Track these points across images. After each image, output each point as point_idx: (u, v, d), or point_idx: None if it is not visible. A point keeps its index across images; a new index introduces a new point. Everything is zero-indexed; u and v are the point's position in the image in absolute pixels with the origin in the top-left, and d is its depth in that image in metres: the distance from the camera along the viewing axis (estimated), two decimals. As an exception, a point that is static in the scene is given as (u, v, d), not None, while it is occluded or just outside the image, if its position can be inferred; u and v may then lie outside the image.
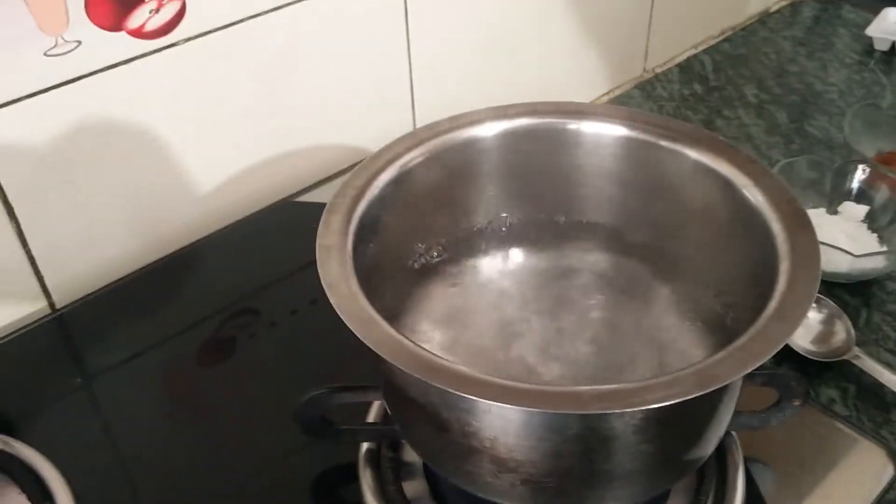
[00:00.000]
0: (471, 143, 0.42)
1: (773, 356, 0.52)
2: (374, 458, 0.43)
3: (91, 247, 0.59)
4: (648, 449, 0.33)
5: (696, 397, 0.28)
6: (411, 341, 0.31)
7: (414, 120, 0.73)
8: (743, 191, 0.37)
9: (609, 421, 0.30)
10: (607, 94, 0.87)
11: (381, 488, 0.41)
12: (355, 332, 0.31)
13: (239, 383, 0.53)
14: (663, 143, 0.41)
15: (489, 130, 0.42)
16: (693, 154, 0.40)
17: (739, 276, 0.37)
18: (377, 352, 0.30)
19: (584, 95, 0.86)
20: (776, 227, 0.35)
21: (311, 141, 0.68)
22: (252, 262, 0.63)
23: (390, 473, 0.42)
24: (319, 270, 0.34)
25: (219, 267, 0.63)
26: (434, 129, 0.42)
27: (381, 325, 0.31)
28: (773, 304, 0.31)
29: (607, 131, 0.42)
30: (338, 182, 0.41)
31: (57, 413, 0.51)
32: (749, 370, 0.29)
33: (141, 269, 0.61)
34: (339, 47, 0.64)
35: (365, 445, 0.44)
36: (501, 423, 0.31)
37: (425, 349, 0.30)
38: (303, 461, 0.46)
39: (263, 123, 0.64)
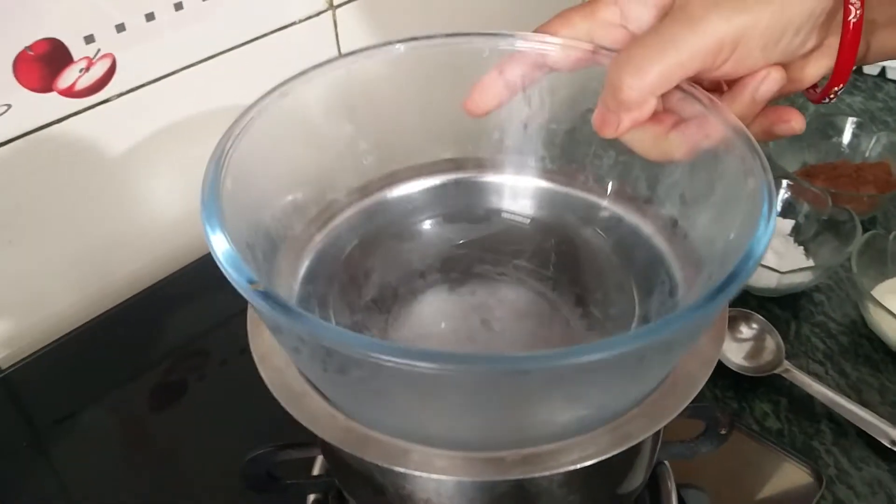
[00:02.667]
0: (400, 197, 0.44)
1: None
2: (322, 509, 0.44)
3: (35, 305, 0.60)
4: (576, 498, 0.34)
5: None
6: (342, 413, 0.32)
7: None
8: (650, 240, 0.39)
9: (533, 479, 0.32)
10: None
11: (329, 539, 0.42)
12: (285, 406, 0.32)
13: (191, 426, 0.54)
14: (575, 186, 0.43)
15: (415, 184, 0.44)
16: (603, 202, 0.42)
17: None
18: (308, 427, 0.31)
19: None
20: (679, 277, 0.37)
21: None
22: (200, 306, 0.64)
23: (338, 523, 0.43)
24: (250, 343, 0.35)
25: (167, 313, 0.64)
26: (365, 190, 0.44)
27: (313, 398, 0.32)
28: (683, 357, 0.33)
29: (524, 183, 0.45)
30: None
31: (7, 476, 0.51)
32: (661, 426, 0.31)
33: (89, 321, 0.61)
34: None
35: (312, 496, 0.45)
36: (433, 486, 0.33)
37: (356, 421, 0.31)
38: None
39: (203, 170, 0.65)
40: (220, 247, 0.29)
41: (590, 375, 0.26)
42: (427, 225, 0.46)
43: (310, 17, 0.66)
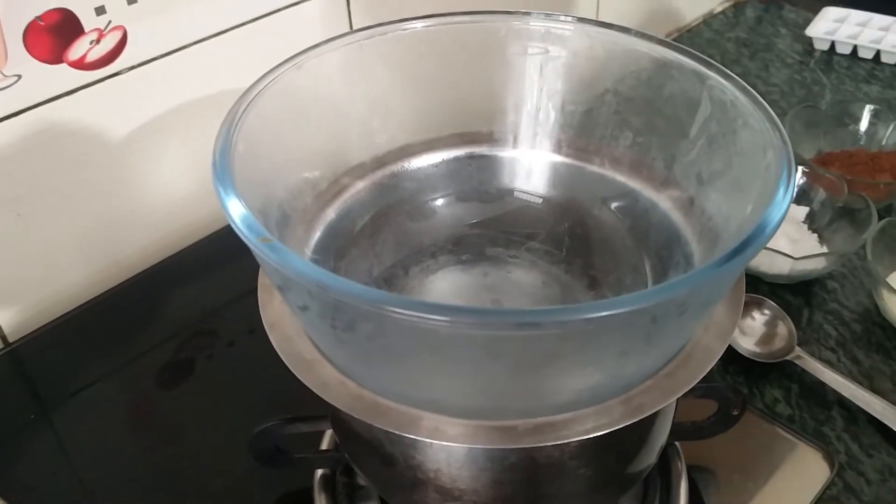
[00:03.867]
0: (412, 174, 0.43)
1: (720, 359, 0.56)
2: (328, 484, 0.44)
3: (44, 278, 0.59)
4: (587, 472, 0.34)
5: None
6: (353, 380, 0.32)
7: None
8: (666, 220, 0.39)
9: (544, 450, 0.31)
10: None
11: (336, 514, 0.42)
12: (295, 373, 0.32)
13: (197, 406, 0.53)
14: (590, 167, 0.43)
15: (428, 161, 0.44)
16: (619, 183, 0.42)
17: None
18: (319, 394, 0.31)
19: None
20: (695, 258, 0.36)
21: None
22: (209, 284, 0.63)
23: (345, 498, 0.43)
24: (261, 311, 0.35)
25: (176, 290, 0.63)
26: (377, 165, 0.43)
27: (324, 366, 0.32)
28: (699, 328, 0.32)
29: (539, 163, 0.44)
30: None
31: (13, 449, 0.51)
32: (675, 398, 0.30)
33: (97, 296, 0.61)
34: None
35: (320, 471, 0.44)
36: (443, 456, 0.32)
37: (367, 389, 0.31)
38: (261, 485, 0.47)
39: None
40: (229, 200, 0.29)
41: (602, 336, 0.26)
42: (440, 203, 0.46)
43: (322, -7, 0.65)
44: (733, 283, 0.33)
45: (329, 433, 0.46)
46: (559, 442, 0.29)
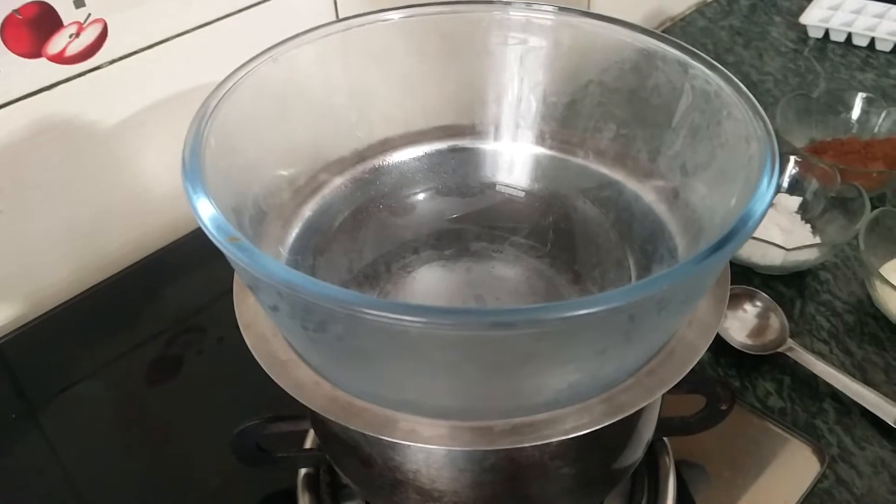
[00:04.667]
0: (393, 168, 0.43)
1: (710, 350, 0.55)
2: (312, 483, 0.44)
3: (28, 276, 0.59)
4: (570, 471, 0.33)
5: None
6: (329, 381, 0.31)
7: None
8: (650, 214, 0.38)
9: (525, 450, 0.31)
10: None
11: (319, 513, 0.42)
12: (270, 374, 0.31)
13: (186, 402, 0.53)
14: (574, 160, 0.42)
15: (409, 155, 0.43)
16: (603, 176, 0.41)
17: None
18: (293, 395, 0.30)
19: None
20: (679, 252, 0.35)
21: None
22: (197, 279, 0.63)
23: (329, 497, 0.43)
24: (236, 310, 0.34)
25: (163, 286, 0.63)
26: (356, 160, 0.42)
27: (299, 367, 0.31)
28: (682, 324, 0.32)
29: (521, 156, 0.44)
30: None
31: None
32: (657, 396, 0.30)
33: (82, 292, 0.61)
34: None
35: (303, 470, 0.44)
36: (422, 457, 0.32)
37: (342, 391, 0.30)
38: (248, 483, 0.46)
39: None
40: (197, 198, 0.28)
41: (580, 335, 0.25)
42: (422, 197, 0.45)
43: (307, -15, 0.64)
44: (715, 278, 0.32)
45: (313, 431, 0.46)
46: (538, 443, 0.28)
